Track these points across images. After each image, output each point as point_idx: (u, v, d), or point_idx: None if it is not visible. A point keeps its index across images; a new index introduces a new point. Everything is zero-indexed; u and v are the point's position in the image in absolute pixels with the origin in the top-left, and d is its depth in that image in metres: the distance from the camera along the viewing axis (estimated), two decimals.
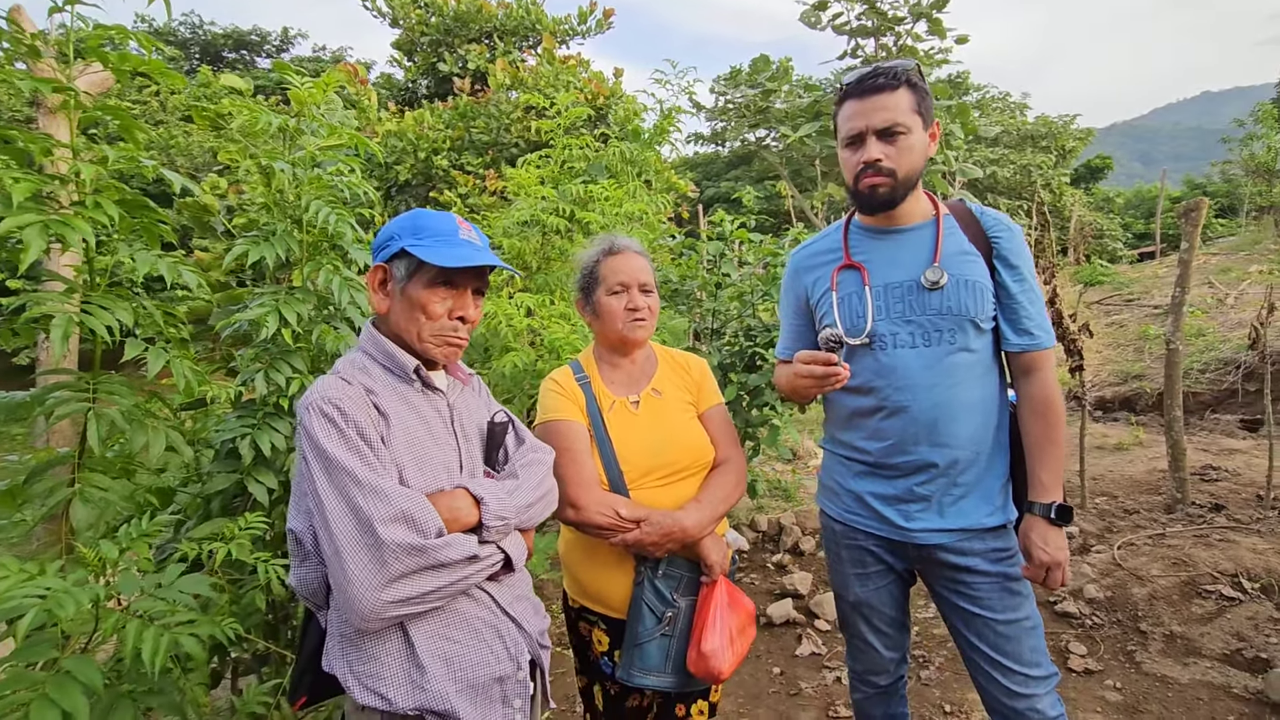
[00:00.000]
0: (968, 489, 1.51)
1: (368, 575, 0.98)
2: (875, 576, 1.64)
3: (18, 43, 1.41)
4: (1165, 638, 2.80)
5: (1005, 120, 19.39)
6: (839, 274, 1.61)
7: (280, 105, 5.03)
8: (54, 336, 1.32)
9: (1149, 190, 23.79)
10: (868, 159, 1.46)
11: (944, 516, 1.51)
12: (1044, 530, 1.46)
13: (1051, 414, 1.49)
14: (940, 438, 1.49)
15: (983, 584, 1.51)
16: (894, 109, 1.44)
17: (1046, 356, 1.51)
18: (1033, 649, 1.50)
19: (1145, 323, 9.09)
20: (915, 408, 1.49)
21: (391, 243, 1.17)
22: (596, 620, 1.58)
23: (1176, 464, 4.09)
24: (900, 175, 1.47)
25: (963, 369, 1.49)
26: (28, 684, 1.08)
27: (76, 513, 1.50)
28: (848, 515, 1.65)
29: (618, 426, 1.57)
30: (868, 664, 1.74)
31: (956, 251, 1.51)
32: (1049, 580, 1.46)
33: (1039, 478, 1.48)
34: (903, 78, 1.45)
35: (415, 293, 1.16)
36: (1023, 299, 1.50)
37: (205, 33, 21.35)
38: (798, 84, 6.98)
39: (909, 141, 1.45)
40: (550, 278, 3.13)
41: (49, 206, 1.38)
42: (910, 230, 1.56)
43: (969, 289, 1.48)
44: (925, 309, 1.49)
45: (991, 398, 1.53)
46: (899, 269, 1.54)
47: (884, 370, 1.52)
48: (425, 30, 8.76)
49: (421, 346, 1.19)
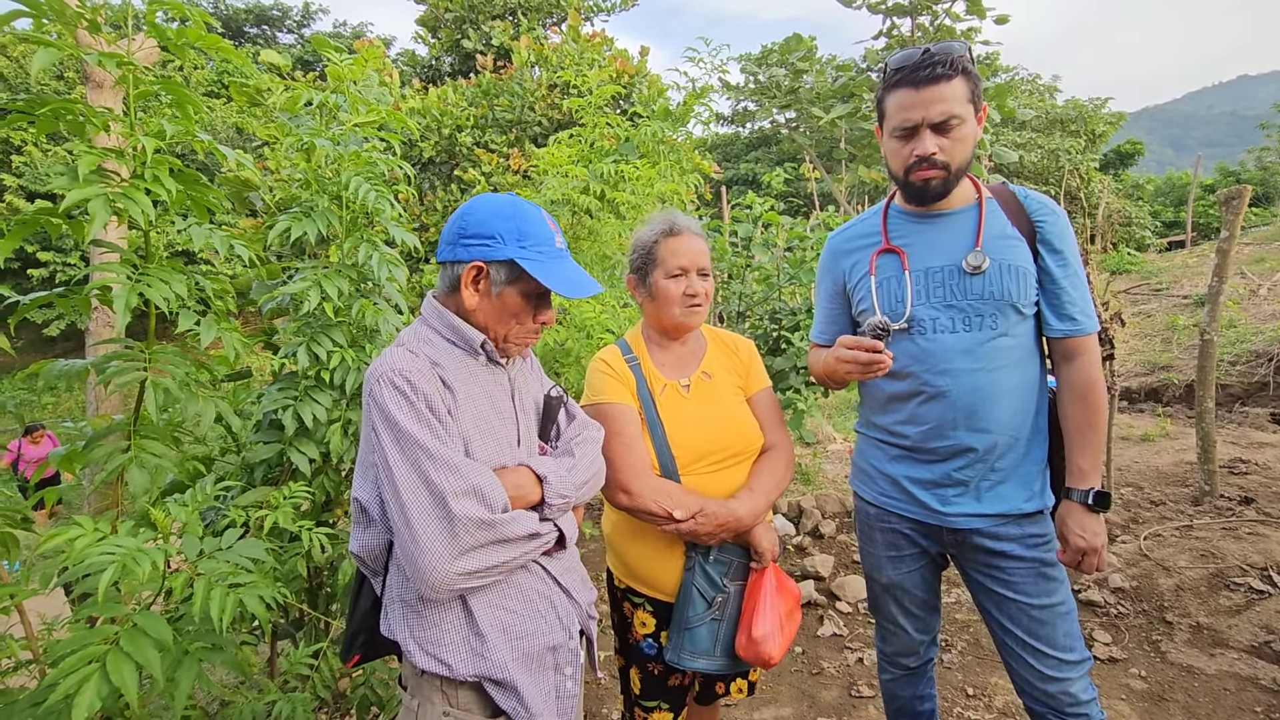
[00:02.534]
0: (1006, 474, 1.51)
1: (439, 546, 1.00)
2: (909, 560, 1.65)
3: (78, 17, 1.43)
4: (1192, 628, 2.79)
5: (1034, 103, 18.93)
6: (878, 258, 1.60)
7: (316, 80, 5.05)
8: (118, 307, 1.36)
9: (1180, 177, 23.19)
10: (922, 153, 1.43)
11: (981, 501, 1.51)
12: (1081, 516, 1.45)
13: (1093, 399, 1.48)
14: (979, 423, 1.48)
15: (1018, 569, 1.51)
16: (951, 100, 1.39)
17: (1090, 342, 1.49)
18: (1067, 633, 1.51)
19: (1174, 313, 8.93)
20: (955, 392, 1.49)
21: (494, 244, 1.15)
22: (642, 602, 1.58)
23: (1206, 456, 4.04)
24: (954, 167, 1.45)
25: (1003, 354, 1.48)
26: (101, 638, 1.13)
27: (132, 477, 1.54)
28: (883, 499, 1.65)
29: (669, 410, 1.55)
30: (898, 646, 1.75)
31: (999, 235, 1.49)
32: (1084, 565, 1.46)
33: (1078, 464, 1.48)
34: (959, 66, 1.39)
35: (512, 300, 1.17)
36: (1066, 284, 1.48)
37: (227, 8, 21.36)
38: (827, 64, 6.86)
39: (963, 132, 1.42)
40: (580, 257, 3.13)
41: (110, 179, 1.41)
42: (952, 214, 1.54)
43: (1011, 273, 1.46)
44: (967, 294, 1.48)
45: (1031, 383, 1.51)
46: (940, 253, 1.52)
47: (923, 355, 1.51)
48: (450, 6, 8.70)
49: (504, 345, 1.22)
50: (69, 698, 1.04)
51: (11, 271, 17.11)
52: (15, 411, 1.94)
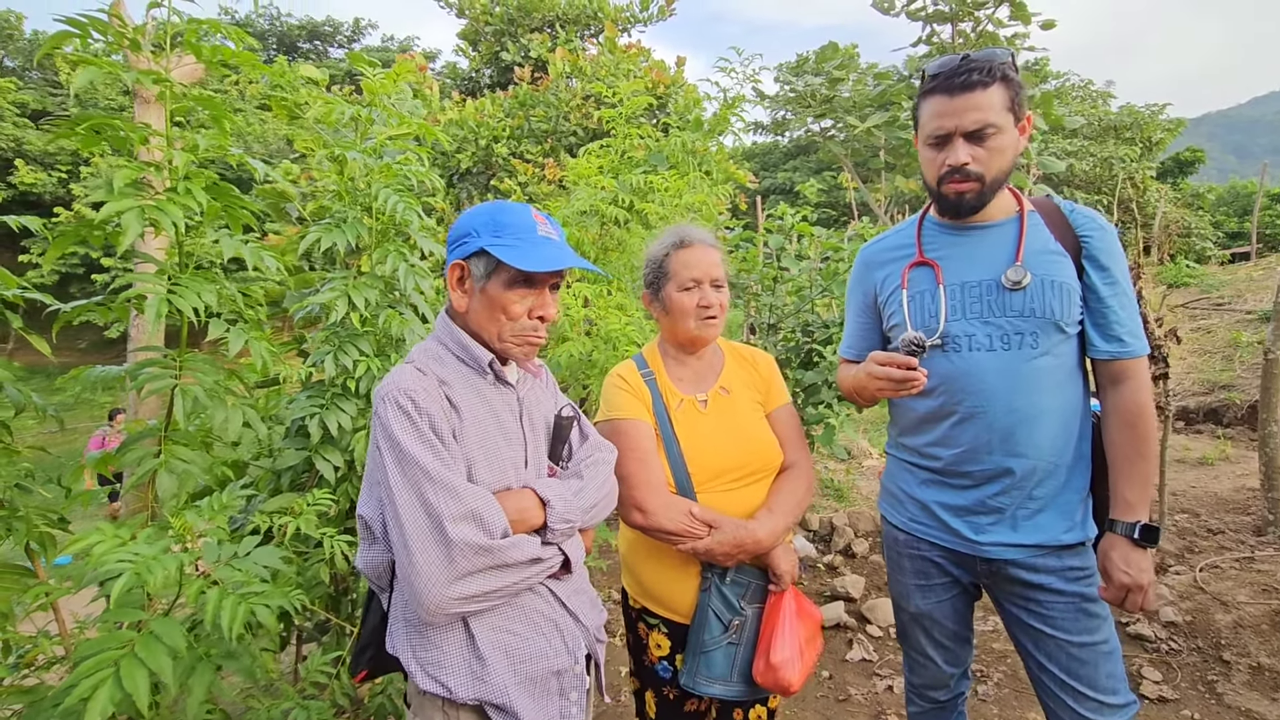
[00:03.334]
0: (1045, 503, 1.42)
1: (435, 571, 0.99)
2: (939, 589, 1.57)
3: (121, 36, 1.49)
4: (1251, 669, 2.61)
5: (1086, 110, 18.32)
6: (910, 271, 1.53)
7: (353, 94, 5.20)
8: (148, 316, 1.39)
9: (1245, 185, 22.09)
10: (954, 163, 1.37)
11: (1017, 530, 1.43)
12: (1126, 551, 1.36)
13: (1142, 426, 1.38)
14: (1016, 447, 1.40)
15: (1057, 603, 1.43)
16: (986, 109, 1.33)
17: (1138, 365, 1.40)
18: (1109, 674, 1.41)
19: (1236, 329, 8.47)
20: (991, 414, 1.41)
21: (469, 239, 1.16)
22: (658, 624, 1.55)
23: (1270, 482, 3.80)
24: (989, 179, 1.38)
25: (1044, 375, 1.40)
26: (117, 643, 1.15)
27: (162, 482, 1.58)
28: (912, 525, 1.58)
29: (686, 427, 1.51)
30: (926, 678, 1.67)
31: (1041, 250, 1.42)
32: (1128, 604, 1.37)
33: (1123, 495, 1.38)
34: (998, 73, 1.34)
35: (495, 292, 1.15)
36: (1113, 303, 1.40)
37: (282, 24, 22.27)
38: (866, 71, 6.76)
39: (1000, 142, 1.36)
40: (607, 268, 3.13)
41: (145, 192, 1.46)
42: (991, 227, 1.47)
43: (1055, 290, 1.38)
44: (1006, 310, 1.41)
45: (1073, 406, 1.43)
46: (977, 267, 1.45)
47: (958, 374, 1.44)
48: (489, 20, 8.87)
49: (501, 346, 1.19)
50: (85, 700, 1.06)
51: (77, 277, 18.02)
52: (56, 415, 2.04)
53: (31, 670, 1.54)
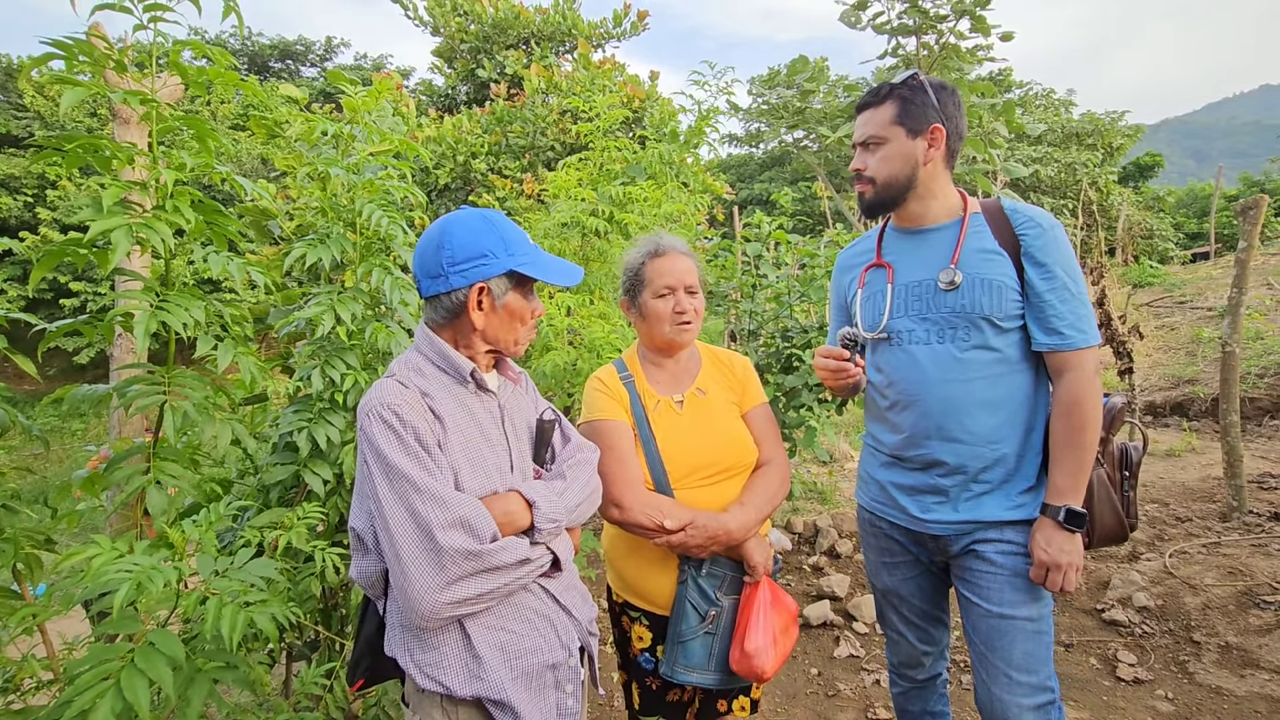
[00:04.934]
0: (991, 488, 1.51)
1: (427, 578, 1.02)
2: (903, 566, 1.68)
3: (105, 58, 1.51)
4: (1220, 648, 2.70)
5: (1049, 118, 18.86)
6: (868, 272, 1.69)
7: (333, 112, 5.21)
8: (137, 332, 1.41)
9: (1203, 188, 22.85)
10: (852, 168, 1.64)
11: (957, 511, 1.53)
12: (1050, 532, 1.44)
13: (1077, 416, 1.45)
14: (951, 433, 1.51)
15: (987, 572, 1.50)
16: (872, 123, 1.56)
17: (1080, 357, 1.46)
18: (1027, 653, 1.46)
19: (1198, 325, 8.75)
20: (925, 402, 1.53)
21: (488, 260, 1.17)
22: (639, 616, 1.60)
23: (1233, 471, 3.94)
24: (880, 181, 1.56)
25: (978, 366, 1.50)
26: (116, 654, 1.16)
27: (151, 499, 1.59)
28: (874, 504, 1.70)
29: (662, 426, 1.58)
30: (902, 656, 1.77)
31: (977, 250, 1.53)
32: (1049, 582, 1.44)
33: (1055, 480, 1.47)
34: (887, 93, 1.55)
35: (516, 304, 1.22)
36: (1051, 297, 1.47)
37: (253, 44, 22.10)
38: (836, 83, 6.94)
39: (886, 151, 1.54)
40: (589, 278, 3.18)
41: (132, 210, 1.48)
42: (935, 230, 1.60)
43: (985, 288, 1.49)
44: (940, 307, 1.53)
45: (1018, 397, 1.51)
46: (921, 267, 1.59)
47: (900, 365, 1.58)
48: (465, 38, 8.93)
49: (515, 349, 1.26)
50: (84, 713, 1.07)
51: (44, 301, 17.60)
52: (41, 436, 2.00)
53: (18, 695, 1.53)
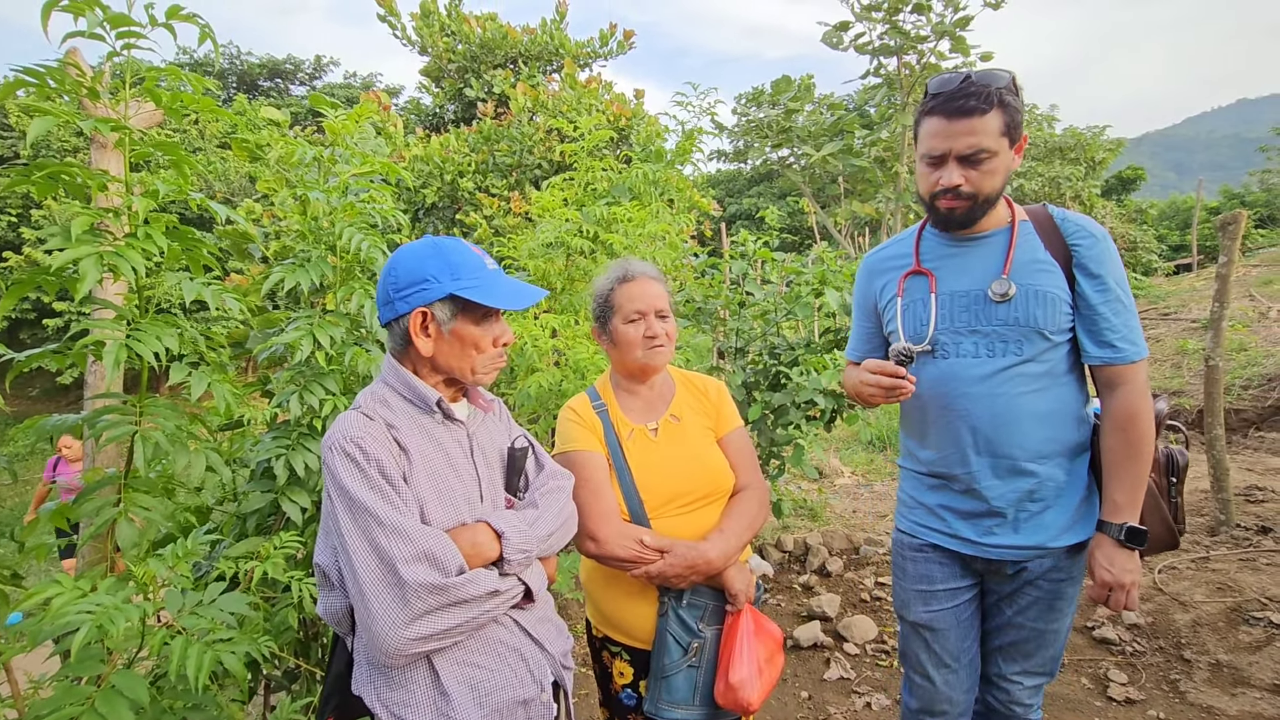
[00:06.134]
0: (1048, 503, 1.47)
1: (391, 614, 1.00)
2: (941, 596, 1.59)
3: (79, 84, 1.49)
4: (1211, 666, 2.69)
5: (1032, 133, 19.19)
6: (906, 280, 1.59)
7: (316, 134, 5.20)
8: (106, 363, 1.38)
9: (1184, 201, 23.24)
10: (947, 184, 1.42)
11: (1019, 532, 1.48)
12: (1111, 550, 1.41)
13: (1134, 430, 1.42)
14: (1000, 448, 1.46)
15: (1029, 594, 1.52)
16: (982, 133, 1.37)
17: (1134, 370, 1.43)
18: (1047, 656, 1.57)
19: (1183, 337, 8.84)
20: (973, 417, 1.47)
21: (429, 285, 1.16)
22: (620, 651, 1.56)
23: (1219, 484, 3.95)
24: (980, 198, 1.43)
25: (1028, 380, 1.45)
26: (76, 698, 1.12)
27: (122, 531, 1.55)
28: (918, 528, 1.62)
29: (637, 455, 1.54)
30: (923, 700, 1.65)
31: (1029, 260, 1.46)
32: (1111, 602, 1.43)
33: (1112, 496, 1.43)
34: (995, 98, 1.36)
35: (466, 331, 1.18)
36: (1105, 310, 1.43)
37: (242, 63, 22.17)
38: (820, 102, 7.02)
39: (993, 165, 1.40)
40: (574, 298, 3.17)
41: (103, 238, 1.45)
42: (983, 238, 1.52)
43: (1039, 300, 1.43)
44: (991, 319, 1.46)
45: (1067, 408, 1.48)
46: (967, 277, 1.51)
47: (945, 379, 1.51)
48: (453, 57, 8.99)
49: (475, 378, 1.22)
50: None
51: (28, 321, 17.40)
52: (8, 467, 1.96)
53: None
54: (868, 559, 4.03)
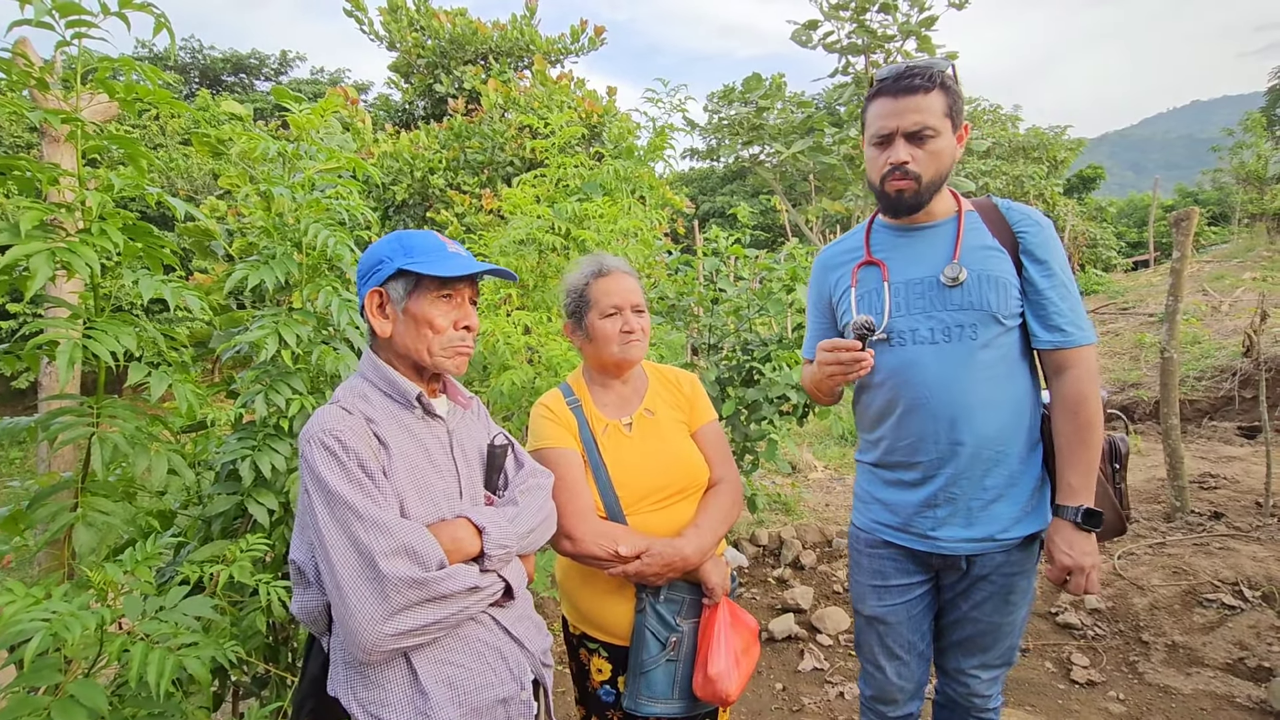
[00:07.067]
0: (999, 492, 1.48)
1: (369, 609, 0.98)
2: (894, 591, 1.62)
3: (26, 75, 1.44)
4: (1167, 648, 2.79)
5: (996, 133, 19.60)
6: (859, 270, 1.61)
7: (280, 130, 5.09)
8: (60, 363, 1.34)
9: (1142, 199, 23.99)
10: (895, 161, 1.45)
11: (972, 525, 1.49)
12: (1070, 534, 1.43)
13: (1084, 413, 1.44)
14: (959, 435, 1.46)
15: (984, 589, 1.53)
16: (926, 111, 1.41)
17: (1081, 354, 1.46)
18: (1005, 647, 1.60)
19: (1140, 330, 9.13)
20: (934, 403, 1.48)
21: (383, 265, 1.17)
22: (597, 648, 1.55)
23: (1175, 472, 4.10)
24: (926, 179, 1.45)
25: (984, 366, 1.46)
26: (32, 709, 1.09)
27: (79, 537, 1.50)
28: (873, 524, 1.64)
29: (612, 450, 1.54)
30: (876, 689, 1.70)
31: (978, 246, 1.49)
32: (1071, 586, 1.44)
33: (1068, 480, 1.45)
34: (937, 79, 1.42)
35: (419, 309, 1.17)
36: (1052, 294, 1.46)
37: (205, 57, 21.56)
38: (790, 101, 7.09)
39: (938, 145, 1.44)
40: (547, 295, 3.15)
41: (55, 234, 1.41)
42: (931, 227, 1.55)
43: (991, 284, 1.46)
44: (945, 305, 1.48)
45: (1020, 397, 1.50)
46: (919, 265, 1.53)
47: (902, 366, 1.52)
48: (422, 53, 8.86)
49: (433, 361, 1.19)
50: None
51: None
52: None
53: None
54: (840, 551, 4.09)
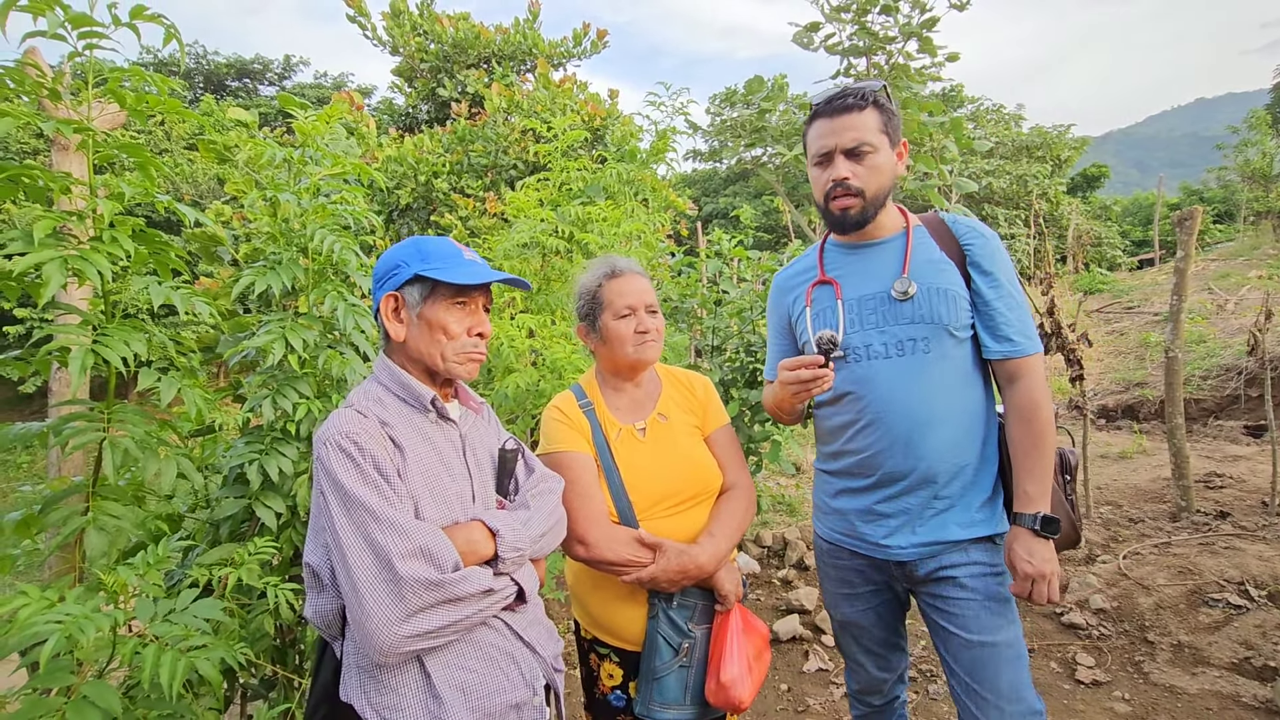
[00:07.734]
0: (950, 503, 1.49)
1: (386, 610, 0.99)
2: (864, 597, 1.63)
3: (39, 85, 1.46)
4: (1173, 647, 2.79)
5: (1000, 132, 19.56)
6: (814, 290, 1.64)
7: (285, 135, 5.12)
8: (73, 369, 1.35)
9: (1146, 197, 23.90)
10: (836, 177, 1.49)
11: (917, 532, 1.49)
12: (1028, 541, 1.41)
13: (1037, 422, 1.45)
14: (915, 449, 1.47)
15: (961, 599, 1.47)
16: (861, 128, 1.46)
17: (1030, 363, 1.48)
18: (1012, 682, 1.44)
19: (1146, 330, 9.11)
20: (890, 418, 1.49)
21: (400, 270, 1.19)
22: (609, 653, 1.55)
23: (1180, 472, 4.09)
24: (869, 194, 1.49)
25: (938, 379, 1.48)
26: (46, 710, 1.10)
27: (90, 540, 1.52)
28: (833, 534, 1.65)
29: (625, 455, 1.53)
30: (861, 683, 1.74)
31: (926, 260, 1.52)
32: (1035, 595, 1.41)
33: (1024, 488, 1.44)
34: (870, 98, 1.48)
35: (434, 315, 1.18)
36: (1000, 305, 1.49)
37: (209, 63, 21.69)
38: (792, 102, 7.10)
39: (876, 160, 1.48)
40: (551, 298, 3.17)
41: (67, 242, 1.43)
42: (881, 244, 1.58)
43: (941, 296, 1.48)
44: (898, 319, 1.50)
45: (974, 409, 1.51)
46: (871, 281, 1.55)
47: (858, 381, 1.53)
48: (425, 57, 8.90)
49: (445, 366, 1.21)
50: None
51: None
52: None
53: None
54: None
